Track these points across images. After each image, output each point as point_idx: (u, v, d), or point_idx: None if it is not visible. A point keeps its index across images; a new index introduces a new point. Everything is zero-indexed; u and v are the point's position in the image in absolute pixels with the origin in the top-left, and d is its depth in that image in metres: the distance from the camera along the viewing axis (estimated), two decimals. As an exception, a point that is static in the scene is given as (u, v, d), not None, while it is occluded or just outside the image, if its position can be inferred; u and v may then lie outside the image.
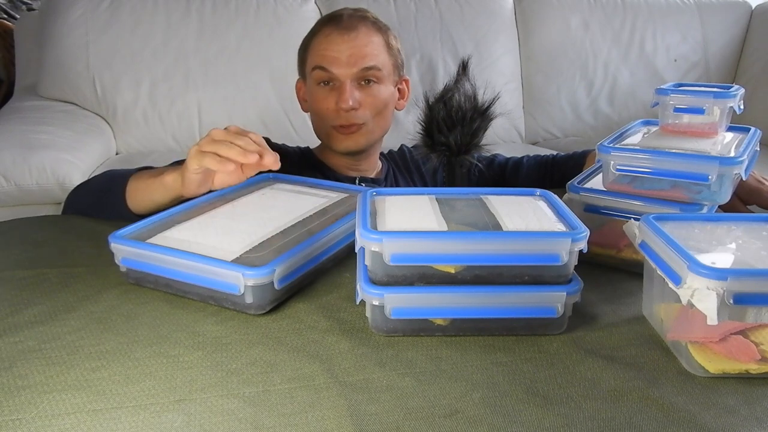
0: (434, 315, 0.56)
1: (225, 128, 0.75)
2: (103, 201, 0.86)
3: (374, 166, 1.17)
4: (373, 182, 1.14)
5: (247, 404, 0.47)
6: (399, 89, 1.13)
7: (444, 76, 2.03)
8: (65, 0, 1.81)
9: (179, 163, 0.93)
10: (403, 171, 1.21)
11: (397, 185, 1.18)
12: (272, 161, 0.72)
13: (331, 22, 1.05)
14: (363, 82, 1.04)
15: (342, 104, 1.02)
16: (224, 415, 0.46)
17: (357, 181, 1.11)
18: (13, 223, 0.86)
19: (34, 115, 1.71)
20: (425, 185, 1.20)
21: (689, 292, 0.49)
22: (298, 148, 1.18)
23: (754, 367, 0.52)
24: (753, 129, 0.80)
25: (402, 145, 1.26)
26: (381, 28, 1.08)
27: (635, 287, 0.66)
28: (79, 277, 0.67)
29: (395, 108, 1.13)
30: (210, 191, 0.80)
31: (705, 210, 0.68)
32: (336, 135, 1.07)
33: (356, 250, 0.57)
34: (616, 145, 0.73)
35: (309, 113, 1.13)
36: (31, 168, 1.44)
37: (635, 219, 0.62)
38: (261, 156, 0.71)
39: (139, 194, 0.83)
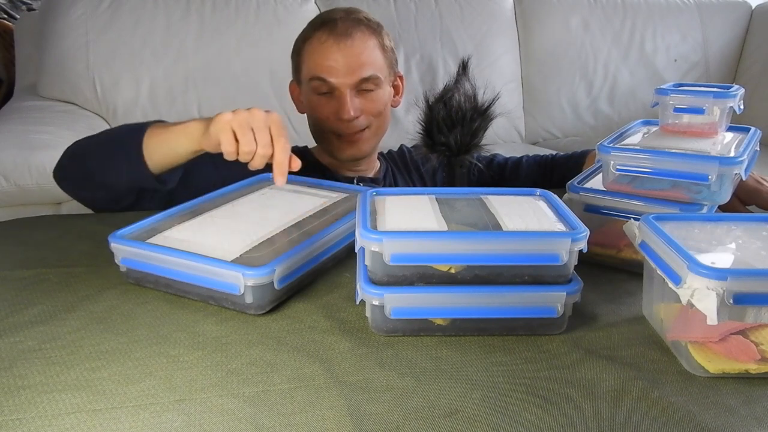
0: (434, 315, 0.56)
1: (267, 111, 0.74)
2: (116, 149, 0.83)
3: (373, 166, 1.17)
4: (371, 182, 1.14)
5: (247, 404, 0.47)
6: (394, 85, 1.13)
7: (444, 76, 2.03)
8: (65, 0, 1.81)
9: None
10: (402, 170, 1.21)
11: (396, 185, 1.18)
12: (281, 182, 0.73)
13: (324, 28, 1.03)
14: (362, 90, 1.04)
15: (344, 115, 1.02)
16: (224, 415, 0.46)
17: (355, 181, 1.11)
18: (13, 223, 0.86)
19: (34, 115, 1.71)
20: (424, 185, 1.20)
21: (689, 292, 0.49)
22: (296, 147, 1.18)
23: (754, 367, 0.52)
24: (753, 129, 0.80)
25: (402, 145, 1.26)
26: (374, 29, 1.07)
27: (635, 287, 0.66)
28: (79, 277, 0.67)
29: (392, 105, 1.13)
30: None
31: (705, 210, 0.68)
32: (338, 143, 1.07)
33: (356, 250, 0.57)
34: (616, 145, 0.73)
35: (306, 115, 1.12)
36: (31, 168, 1.43)
37: (635, 219, 0.62)
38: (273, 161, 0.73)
39: (157, 140, 0.80)
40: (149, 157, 0.80)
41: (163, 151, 0.80)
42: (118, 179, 0.83)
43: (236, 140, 0.72)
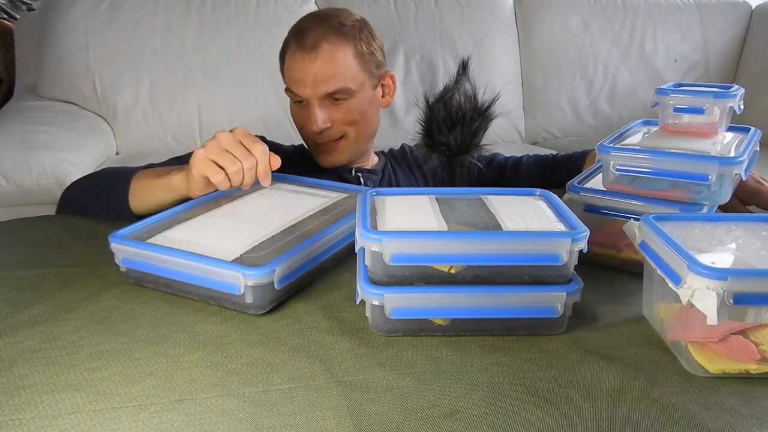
0: (434, 315, 0.56)
1: (231, 131, 0.74)
2: (103, 198, 0.85)
3: (370, 160, 1.17)
4: (369, 173, 1.14)
5: (247, 404, 0.47)
6: (383, 85, 1.12)
7: (444, 76, 2.03)
8: (65, 0, 1.81)
9: (177, 160, 0.93)
10: (403, 166, 1.21)
11: (396, 179, 1.18)
12: (268, 182, 0.74)
13: (294, 38, 1.02)
14: (333, 100, 1.03)
15: (312, 127, 1.02)
16: (224, 415, 0.46)
17: (353, 172, 1.11)
18: (13, 223, 0.86)
19: (34, 115, 1.71)
20: (425, 181, 1.20)
21: (689, 292, 0.49)
22: (293, 146, 1.19)
23: (754, 367, 0.52)
24: (753, 129, 0.80)
25: (403, 143, 1.27)
26: (348, 35, 1.02)
27: (635, 287, 0.66)
28: (79, 277, 0.67)
29: (381, 105, 1.12)
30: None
31: (705, 210, 0.68)
32: (317, 152, 1.09)
33: (356, 250, 0.57)
34: (616, 145, 0.73)
35: None
36: (31, 168, 1.44)
37: (635, 219, 0.62)
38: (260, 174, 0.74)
39: (143, 193, 0.82)
40: (134, 207, 0.83)
41: (148, 201, 0.82)
42: (110, 219, 0.85)
43: (221, 168, 0.72)
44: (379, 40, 1.09)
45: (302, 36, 1.01)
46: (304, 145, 1.19)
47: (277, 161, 0.75)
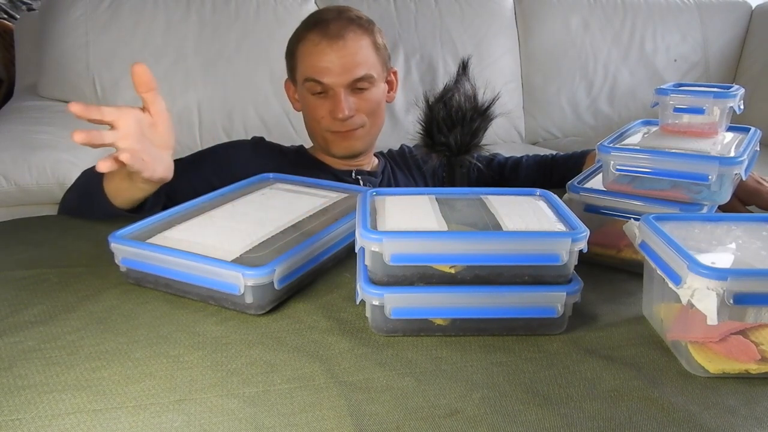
0: (434, 315, 0.56)
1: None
2: (93, 206, 0.85)
3: (370, 161, 1.17)
4: (369, 175, 1.14)
5: (247, 404, 0.47)
6: (388, 81, 1.14)
7: (444, 76, 2.03)
8: (65, 0, 1.81)
9: (178, 162, 0.93)
10: (402, 168, 1.21)
11: (396, 181, 1.18)
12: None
13: (317, 29, 1.03)
14: (356, 89, 1.05)
15: (338, 114, 1.03)
16: (224, 415, 0.46)
17: (353, 174, 1.12)
18: (13, 223, 0.86)
19: (34, 115, 1.71)
20: (425, 182, 1.20)
21: (689, 292, 0.49)
22: (293, 146, 1.19)
23: (754, 367, 0.52)
24: (753, 129, 0.80)
25: (402, 144, 1.27)
26: (366, 27, 1.07)
27: (635, 287, 0.66)
28: (79, 277, 0.67)
29: (386, 101, 1.14)
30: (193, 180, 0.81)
31: (705, 210, 0.68)
32: (334, 139, 1.08)
33: (356, 250, 0.57)
34: (616, 145, 0.73)
35: (302, 113, 1.13)
36: (31, 168, 1.43)
37: (635, 219, 0.62)
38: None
39: (120, 197, 0.82)
40: (123, 207, 0.83)
41: (131, 202, 0.83)
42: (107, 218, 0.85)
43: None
44: (384, 38, 1.12)
45: (325, 26, 1.03)
46: (304, 146, 1.19)
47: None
